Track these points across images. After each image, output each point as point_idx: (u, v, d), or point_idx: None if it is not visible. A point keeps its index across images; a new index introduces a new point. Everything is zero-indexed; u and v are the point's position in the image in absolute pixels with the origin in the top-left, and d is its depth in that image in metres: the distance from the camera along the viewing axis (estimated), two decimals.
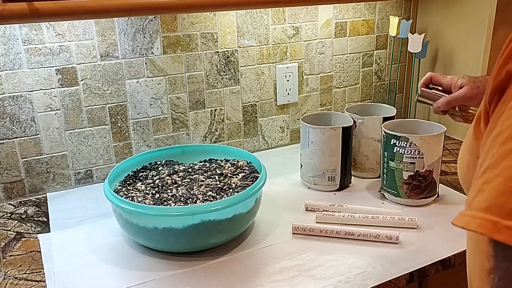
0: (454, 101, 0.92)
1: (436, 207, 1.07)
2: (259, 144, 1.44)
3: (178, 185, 1.00)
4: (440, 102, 0.93)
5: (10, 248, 0.96)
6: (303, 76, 1.44)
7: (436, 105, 0.95)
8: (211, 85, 1.31)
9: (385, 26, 1.52)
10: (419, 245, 0.92)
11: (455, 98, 0.91)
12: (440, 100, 0.94)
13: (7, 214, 1.10)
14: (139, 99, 1.23)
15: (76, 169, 1.21)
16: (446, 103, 0.92)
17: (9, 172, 1.14)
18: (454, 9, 1.42)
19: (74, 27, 1.11)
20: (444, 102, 0.93)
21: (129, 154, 1.26)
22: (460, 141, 1.47)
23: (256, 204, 0.96)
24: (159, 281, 0.83)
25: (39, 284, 0.84)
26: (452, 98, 0.92)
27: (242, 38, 1.31)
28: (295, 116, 1.47)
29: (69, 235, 0.99)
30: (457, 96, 0.91)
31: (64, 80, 1.14)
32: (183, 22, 1.23)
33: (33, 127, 1.14)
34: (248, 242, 0.95)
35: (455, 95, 0.91)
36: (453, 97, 0.91)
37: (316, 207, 1.06)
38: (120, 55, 1.18)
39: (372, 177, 1.22)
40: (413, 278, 0.85)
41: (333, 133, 1.11)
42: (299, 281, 0.82)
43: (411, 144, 1.02)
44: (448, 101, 0.92)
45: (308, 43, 1.42)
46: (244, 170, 1.04)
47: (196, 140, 1.34)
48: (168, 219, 0.85)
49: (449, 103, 0.92)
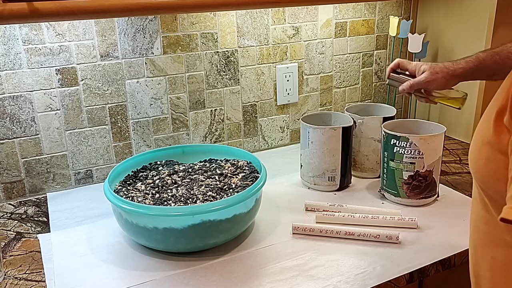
0: (416, 84, 1.01)
1: (436, 207, 1.07)
2: (259, 144, 1.44)
3: (178, 185, 1.00)
4: (404, 85, 1.03)
5: (10, 248, 0.96)
6: (303, 76, 1.44)
7: (401, 87, 1.04)
8: (211, 85, 1.31)
9: (385, 26, 1.52)
10: (419, 245, 0.92)
11: (417, 82, 1.01)
12: (405, 83, 1.03)
13: (7, 214, 1.10)
14: (139, 99, 1.23)
15: (76, 169, 1.21)
16: (410, 86, 1.02)
17: (9, 172, 1.14)
18: (454, 9, 1.42)
19: (74, 27, 1.11)
20: (408, 85, 1.02)
21: (129, 154, 1.26)
22: (460, 141, 1.47)
23: (256, 204, 0.96)
24: (159, 281, 0.83)
25: (39, 284, 0.84)
26: (414, 82, 1.01)
27: (242, 38, 1.31)
28: (295, 116, 1.47)
29: (69, 235, 0.99)
30: (418, 81, 1.00)
31: (64, 80, 1.14)
32: (183, 22, 1.23)
33: (33, 127, 1.14)
34: (248, 242, 0.95)
35: (417, 80, 1.01)
36: (415, 81, 1.01)
37: (316, 207, 1.06)
38: (120, 55, 1.18)
39: (372, 177, 1.22)
40: (413, 278, 0.85)
41: (333, 133, 1.11)
42: (299, 281, 0.82)
43: (411, 144, 1.02)
44: (411, 85, 1.02)
45: (308, 43, 1.42)
46: (244, 170, 1.04)
47: (196, 140, 1.34)
48: (168, 219, 0.85)
49: (412, 86, 1.02)
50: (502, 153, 0.56)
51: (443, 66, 0.98)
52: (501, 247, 0.62)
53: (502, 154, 0.56)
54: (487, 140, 0.59)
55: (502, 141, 0.56)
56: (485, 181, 0.62)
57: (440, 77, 0.98)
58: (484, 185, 0.63)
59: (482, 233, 0.66)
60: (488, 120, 0.60)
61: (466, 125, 1.45)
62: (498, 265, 0.63)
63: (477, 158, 0.63)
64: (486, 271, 0.66)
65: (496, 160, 0.58)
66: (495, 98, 0.63)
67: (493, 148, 0.58)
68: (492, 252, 0.64)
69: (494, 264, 0.64)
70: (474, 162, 0.64)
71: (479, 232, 0.67)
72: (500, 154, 0.57)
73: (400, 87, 1.04)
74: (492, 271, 0.64)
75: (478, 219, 0.67)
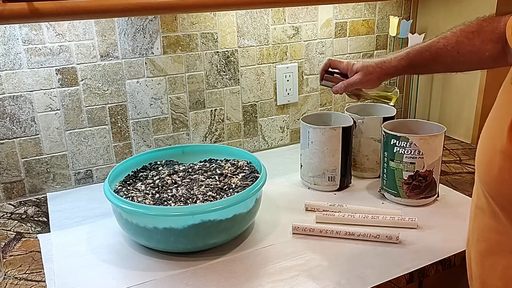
0: (350, 86, 1.01)
1: (436, 207, 1.07)
2: (259, 144, 1.44)
3: (178, 185, 1.00)
4: (338, 86, 1.03)
5: (10, 248, 0.96)
6: (303, 76, 1.44)
7: (334, 88, 1.04)
8: (211, 85, 1.31)
9: (385, 26, 1.52)
10: (419, 245, 0.92)
11: (351, 83, 1.01)
12: (338, 84, 1.03)
13: (7, 214, 1.10)
14: (139, 99, 1.23)
15: (76, 169, 1.21)
16: (344, 87, 1.02)
17: (9, 172, 1.14)
18: (454, 9, 1.42)
19: (74, 27, 1.11)
20: (342, 86, 1.02)
21: (129, 154, 1.26)
22: (460, 141, 1.47)
23: (256, 204, 0.96)
24: (159, 281, 0.83)
25: (39, 284, 0.84)
26: (348, 84, 1.01)
27: (242, 38, 1.31)
28: (295, 116, 1.47)
29: (69, 235, 0.99)
30: (352, 82, 1.00)
31: (64, 80, 1.14)
32: (183, 22, 1.23)
33: (33, 127, 1.14)
34: (248, 242, 0.95)
35: (351, 81, 1.01)
36: (349, 83, 1.01)
37: (316, 207, 1.05)
38: (120, 55, 1.18)
39: (372, 177, 1.22)
40: (413, 278, 0.85)
41: (333, 133, 1.11)
42: (299, 281, 0.82)
43: (411, 144, 1.02)
44: (345, 86, 1.02)
45: (308, 43, 1.42)
46: (244, 170, 1.04)
47: (196, 140, 1.34)
48: (168, 219, 0.85)
49: (346, 87, 1.02)
50: None
51: (376, 66, 0.98)
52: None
53: None
54: (501, 150, 0.58)
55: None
56: (499, 191, 0.61)
57: (374, 77, 0.98)
58: (496, 195, 0.61)
59: (491, 243, 0.65)
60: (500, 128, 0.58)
61: (466, 125, 1.45)
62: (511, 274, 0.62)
63: (488, 168, 0.61)
64: (497, 281, 0.65)
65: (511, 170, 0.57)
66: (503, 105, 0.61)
67: (508, 157, 0.57)
68: (505, 262, 0.63)
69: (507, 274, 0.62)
70: (485, 173, 0.63)
71: (486, 242, 0.66)
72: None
73: (334, 88, 1.04)
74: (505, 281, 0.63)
75: (485, 229, 0.66)
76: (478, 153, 0.65)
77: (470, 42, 0.87)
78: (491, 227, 0.64)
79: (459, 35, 0.88)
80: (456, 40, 0.88)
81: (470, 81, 1.41)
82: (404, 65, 0.95)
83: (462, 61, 0.89)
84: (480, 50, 0.85)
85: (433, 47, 0.91)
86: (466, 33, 0.88)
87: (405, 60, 0.94)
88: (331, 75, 1.05)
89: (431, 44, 0.92)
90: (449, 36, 0.90)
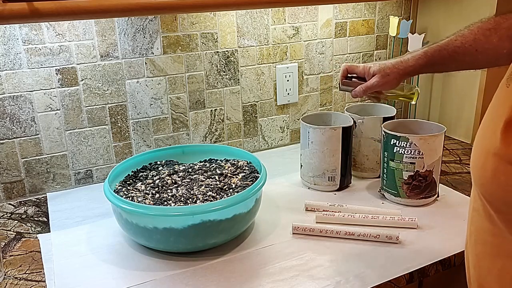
0: (369, 89, 1.01)
1: (436, 207, 1.07)
2: (259, 144, 1.44)
3: (178, 185, 1.00)
4: (357, 90, 1.03)
5: (10, 248, 0.96)
6: (303, 76, 1.44)
7: (354, 92, 1.04)
8: (211, 85, 1.31)
9: (385, 26, 1.52)
10: (419, 245, 0.92)
11: (369, 86, 1.01)
12: (357, 88, 1.03)
13: (7, 214, 1.10)
14: (139, 99, 1.23)
15: (76, 169, 1.21)
16: (363, 91, 1.02)
17: (9, 172, 1.14)
18: (454, 9, 1.42)
19: (74, 27, 1.11)
20: (361, 90, 1.02)
21: (129, 154, 1.26)
22: (460, 141, 1.47)
23: (256, 204, 0.96)
24: (159, 281, 0.83)
25: (39, 284, 0.84)
26: (366, 87, 1.01)
27: (242, 38, 1.31)
28: (295, 116, 1.47)
29: (69, 235, 0.99)
30: (371, 85, 1.00)
31: (64, 80, 1.14)
32: (183, 22, 1.23)
33: (33, 127, 1.14)
34: (248, 242, 0.95)
35: (369, 84, 1.01)
36: (367, 86, 1.01)
37: (316, 207, 1.05)
38: (120, 55, 1.18)
39: (372, 177, 1.22)
40: (413, 278, 0.85)
41: (333, 133, 1.11)
42: (299, 281, 0.82)
43: (411, 144, 1.02)
44: (364, 90, 1.02)
45: (308, 43, 1.42)
46: (244, 170, 1.04)
47: (196, 140, 1.34)
48: (168, 219, 0.85)
49: (365, 91, 1.02)
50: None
51: (392, 67, 0.98)
52: (510, 259, 0.61)
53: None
54: (494, 152, 0.58)
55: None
56: (493, 194, 0.60)
57: (392, 79, 0.98)
58: (491, 197, 0.61)
59: (488, 245, 0.64)
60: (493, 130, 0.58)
61: (466, 125, 1.45)
62: (507, 278, 0.62)
63: (482, 171, 0.61)
64: (493, 284, 0.64)
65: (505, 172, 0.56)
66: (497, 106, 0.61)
67: (502, 159, 0.57)
68: (501, 265, 0.62)
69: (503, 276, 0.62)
70: (479, 175, 0.62)
71: (483, 244, 0.65)
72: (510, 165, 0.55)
73: (353, 92, 1.04)
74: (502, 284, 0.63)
75: (482, 231, 0.66)
76: (472, 155, 0.65)
77: (487, 39, 0.86)
78: (487, 229, 0.64)
79: (477, 33, 0.88)
80: (473, 37, 0.88)
81: (470, 81, 1.41)
82: (422, 64, 0.94)
83: (480, 58, 0.89)
84: (498, 47, 0.85)
85: (450, 45, 0.91)
86: (483, 30, 0.87)
87: (423, 59, 0.94)
88: (350, 79, 1.05)
89: (448, 42, 0.92)
90: (467, 33, 0.89)
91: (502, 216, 0.60)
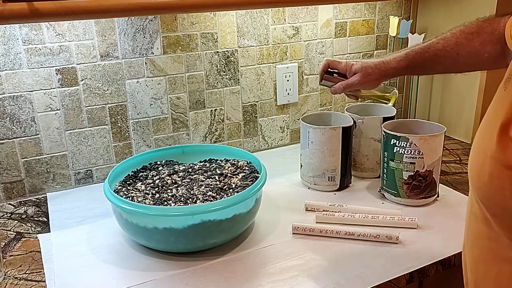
0: (349, 87, 1.01)
1: (436, 207, 1.07)
2: (259, 144, 1.44)
3: (178, 185, 1.00)
4: (336, 87, 1.03)
5: (10, 248, 0.96)
6: (303, 76, 1.44)
7: (333, 88, 1.04)
8: (211, 85, 1.31)
9: (385, 26, 1.52)
10: (419, 245, 0.92)
11: (349, 84, 1.01)
12: (337, 85, 1.03)
13: (7, 214, 1.10)
14: (139, 99, 1.23)
15: (76, 169, 1.21)
16: (342, 88, 1.02)
17: (9, 172, 1.14)
18: (454, 9, 1.42)
19: (74, 27, 1.11)
20: (340, 87, 1.02)
21: (129, 154, 1.26)
22: (460, 141, 1.47)
23: (256, 204, 0.96)
24: (159, 281, 0.83)
25: (39, 284, 0.84)
26: (347, 85, 1.01)
27: (242, 38, 1.31)
28: (295, 116, 1.47)
29: (69, 235, 0.99)
30: (351, 83, 1.00)
31: (64, 80, 1.14)
32: (183, 22, 1.23)
33: (33, 127, 1.14)
34: (248, 242, 0.95)
35: (350, 82, 1.00)
36: (348, 84, 1.01)
37: (316, 207, 1.05)
38: (120, 55, 1.18)
39: (372, 177, 1.22)
40: (413, 278, 0.85)
41: (333, 133, 1.11)
42: (299, 281, 0.82)
43: (411, 144, 1.02)
44: (344, 87, 1.02)
45: (308, 43, 1.42)
46: (244, 170, 1.04)
47: (196, 140, 1.34)
48: (168, 219, 0.85)
49: (345, 88, 1.02)
50: (508, 168, 0.55)
51: (375, 67, 0.97)
52: (507, 263, 0.60)
53: (508, 169, 0.55)
54: (491, 155, 0.57)
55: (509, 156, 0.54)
56: (489, 198, 0.60)
57: (373, 79, 0.98)
58: (487, 201, 0.61)
59: (484, 249, 0.64)
60: (490, 133, 0.58)
61: (466, 125, 1.45)
62: (504, 282, 0.61)
63: (479, 174, 0.61)
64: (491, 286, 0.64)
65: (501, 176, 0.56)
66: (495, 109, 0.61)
67: (498, 163, 0.56)
68: (497, 269, 0.62)
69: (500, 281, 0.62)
70: (477, 178, 0.62)
71: (480, 248, 0.65)
72: (507, 169, 0.55)
73: (332, 88, 1.04)
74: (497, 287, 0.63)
75: (478, 235, 0.65)
76: (470, 157, 0.65)
77: (469, 43, 0.86)
78: (483, 233, 0.63)
79: (459, 36, 0.88)
80: (455, 41, 0.88)
81: (470, 82, 1.41)
82: (403, 66, 0.95)
83: (461, 62, 0.89)
84: (480, 52, 0.85)
85: (432, 48, 0.91)
86: (465, 34, 0.87)
87: (404, 61, 0.94)
88: (331, 75, 1.05)
89: (430, 45, 0.92)
90: (449, 37, 0.90)
91: (498, 220, 0.60)
